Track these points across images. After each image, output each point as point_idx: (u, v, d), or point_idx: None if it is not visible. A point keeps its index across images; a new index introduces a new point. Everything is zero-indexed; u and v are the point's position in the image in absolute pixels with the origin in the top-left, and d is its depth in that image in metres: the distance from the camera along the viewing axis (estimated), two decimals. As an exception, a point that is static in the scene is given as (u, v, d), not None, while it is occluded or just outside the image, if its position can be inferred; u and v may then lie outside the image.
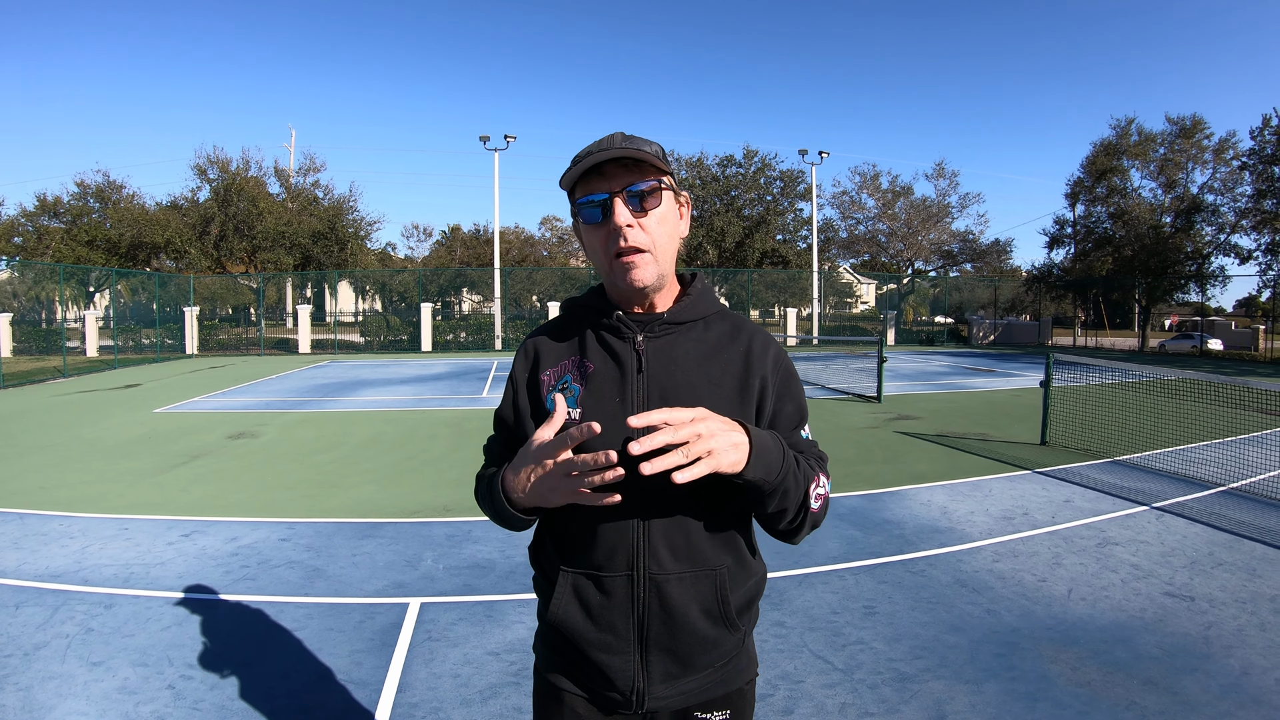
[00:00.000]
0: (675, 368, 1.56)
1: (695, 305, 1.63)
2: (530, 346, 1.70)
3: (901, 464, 9.21)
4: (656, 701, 1.57)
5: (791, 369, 1.68)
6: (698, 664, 1.58)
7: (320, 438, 11.14)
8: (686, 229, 1.66)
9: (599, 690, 1.60)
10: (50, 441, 10.77)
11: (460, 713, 3.64)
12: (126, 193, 41.25)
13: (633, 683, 1.56)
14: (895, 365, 24.35)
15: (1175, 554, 5.87)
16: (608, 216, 1.50)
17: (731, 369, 1.58)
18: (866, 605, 4.90)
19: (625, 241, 1.49)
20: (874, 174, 53.80)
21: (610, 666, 1.56)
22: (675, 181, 1.60)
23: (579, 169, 1.49)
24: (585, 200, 1.53)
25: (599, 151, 1.48)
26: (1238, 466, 8.76)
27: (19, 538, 6.24)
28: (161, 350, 30.85)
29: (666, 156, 1.57)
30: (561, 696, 1.66)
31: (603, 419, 1.47)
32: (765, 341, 1.65)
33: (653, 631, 1.53)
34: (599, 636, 1.56)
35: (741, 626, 1.61)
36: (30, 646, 4.27)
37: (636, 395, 1.54)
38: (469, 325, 37.21)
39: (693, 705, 1.61)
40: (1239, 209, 35.97)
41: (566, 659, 1.63)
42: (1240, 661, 4.12)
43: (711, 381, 1.56)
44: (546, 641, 1.69)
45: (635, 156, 1.47)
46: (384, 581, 5.32)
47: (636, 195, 1.49)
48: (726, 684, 1.64)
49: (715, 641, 1.57)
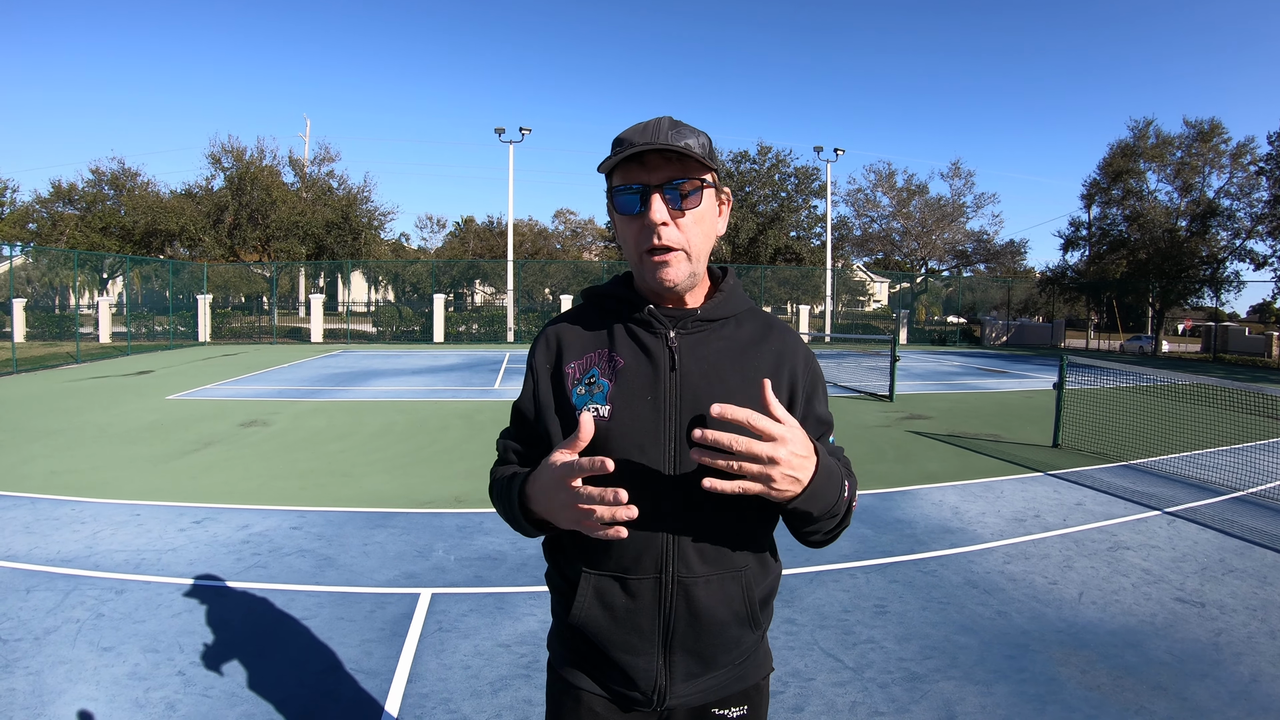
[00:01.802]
0: (708, 366, 1.50)
1: (727, 302, 1.57)
2: (552, 335, 1.61)
3: (913, 463, 9.19)
4: (676, 699, 1.55)
5: (819, 373, 1.64)
6: (719, 662, 1.55)
7: (332, 427, 11.18)
8: (724, 227, 1.59)
9: (619, 689, 1.57)
10: (62, 427, 10.84)
11: (470, 704, 3.64)
12: (141, 180, 41.39)
13: (655, 682, 1.52)
14: (907, 364, 24.29)
15: (1186, 559, 5.84)
16: (644, 209, 1.43)
17: (763, 369, 1.52)
18: (877, 604, 4.89)
19: (659, 240, 1.42)
20: (889, 172, 53.37)
21: (633, 667, 1.52)
22: (719, 178, 1.53)
23: (620, 155, 1.41)
24: (623, 188, 1.45)
25: (643, 142, 1.40)
26: (1250, 473, 8.71)
27: (30, 522, 6.27)
28: (174, 337, 31.01)
29: (713, 149, 1.51)
30: (579, 695, 1.62)
31: (633, 418, 1.46)
32: (795, 343, 1.60)
33: (678, 633, 1.50)
34: (623, 638, 1.51)
35: (764, 624, 1.60)
36: (41, 631, 4.29)
37: (669, 394, 1.47)
38: (481, 317, 37.30)
39: (711, 702, 1.59)
40: (1255, 214, 35.73)
41: (586, 658, 1.60)
42: (1250, 669, 4.10)
43: (746, 380, 1.49)
44: (564, 640, 1.64)
45: (679, 151, 1.39)
46: (395, 571, 5.33)
47: (676, 192, 1.43)
48: (743, 680, 1.62)
49: (738, 641, 1.55)
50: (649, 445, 1.45)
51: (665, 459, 1.44)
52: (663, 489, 1.44)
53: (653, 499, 1.42)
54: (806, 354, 1.61)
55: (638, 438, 1.45)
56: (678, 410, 1.46)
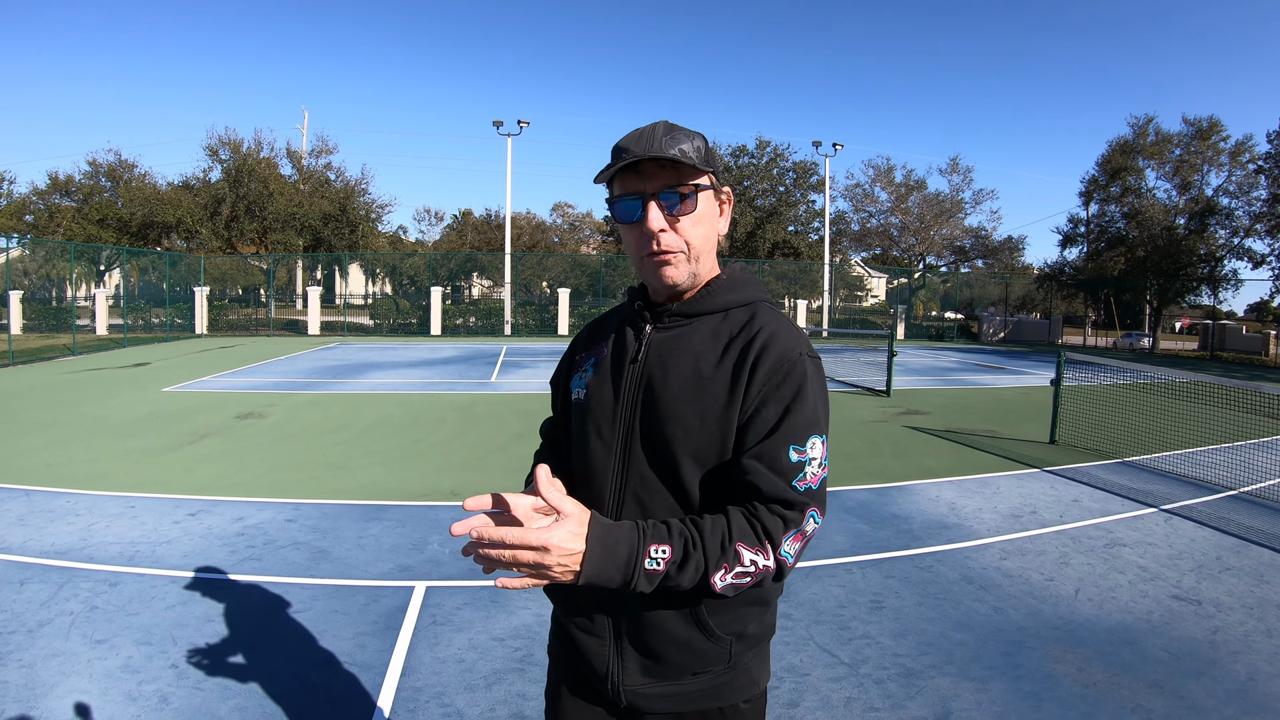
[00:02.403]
0: (669, 359, 1.51)
1: (711, 297, 1.55)
2: (580, 332, 1.80)
3: (910, 459, 9.18)
4: (636, 696, 1.55)
5: (799, 379, 1.44)
6: (673, 661, 1.52)
7: (328, 419, 11.16)
8: (726, 226, 1.62)
9: (581, 671, 1.63)
10: (58, 419, 10.81)
11: (464, 698, 3.63)
12: (138, 172, 41.19)
13: (607, 668, 1.55)
14: (905, 360, 24.35)
15: (1183, 557, 5.84)
16: (642, 216, 1.46)
17: (727, 367, 1.46)
18: (873, 600, 4.88)
19: (658, 246, 1.47)
20: (888, 167, 53.35)
21: (588, 647, 1.57)
22: (716, 179, 1.55)
23: (616, 166, 1.45)
24: (622, 197, 1.49)
25: (638, 150, 1.43)
26: (1247, 471, 8.71)
27: (25, 514, 6.25)
28: (171, 330, 30.93)
29: (709, 151, 1.51)
30: (562, 673, 1.71)
31: (596, 403, 1.58)
32: (778, 342, 1.46)
33: (626, 621, 1.52)
34: (580, 618, 1.58)
35: (721, 635, 1.51)
36: (34, 623, 4.28)
37: (628, 384, 1.55)
38: (478, 310, 37.21)
39: (684, 712, 1.57)
40: (1253, 213, 35.78)
41: (561, 635, 1.70)
42: (1246, 667, 4.09)
43: (702, 377, 1.46)
44: (553, 615, 1.75)
45: (673, 159, 1.42)
46: (389, 564, 5.32)
47: (672, 199, 1.46)
48: (719, 698, 1.57)
49: (688, 642, 1.50)
50: (605, 430, 1.55)
51: (616, 445, 1.53)
52: (611, 474, 1.53)
53: (601, 482, 1.54)
54: (783, 350, 1.46)
55: (598, 421, 1.56)
56: (633, 400, 1.53)
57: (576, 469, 1.61)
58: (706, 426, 1.44)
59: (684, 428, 1.45)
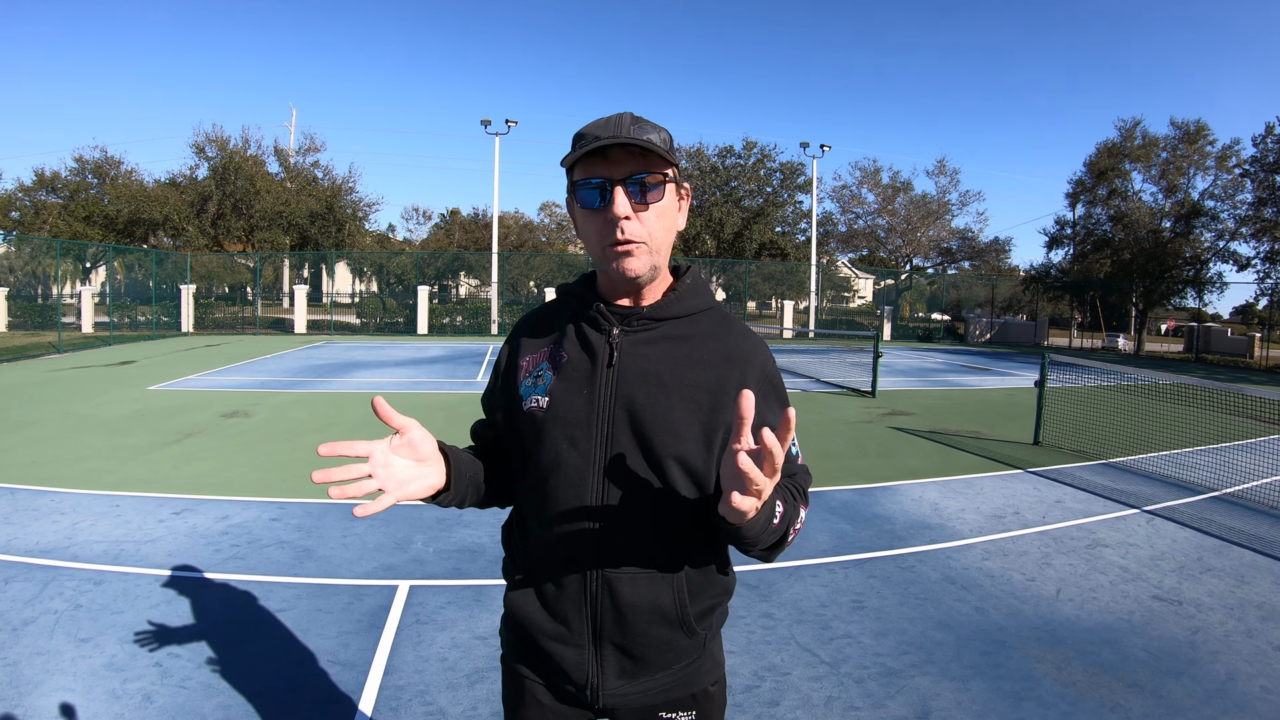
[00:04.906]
0: (648, 365, 1.49)
1: (680, 301, 1.55)
2: (515, 335, 1.71)
3: (894, 459, 9.22)
4: (614, 698, 1.56)
5: (776, 379, 1.59)
6: (654, 662, 1.54)
7: (314, 418, 11.13)
8: (684, 222, 1.59)
9: (555, 681, 1.61)
10: (43, 417, 10.74)
11: (446, 696, 3.64)
12: (125, 169, 40.91)
13: (586, 676, 1.54)
14: (891, 361, 24.38)
15: (1164, 558, 5.89)
16: (606, 203, 1.42)
17: (709, 373, 1.50)
18: (855, 599, 4.91)
19: (622, 234, 1.41)
20: (875, 169, 53.46)
21: (564, 658, 1.54)
22: (679, 173, 1.53)
23: (582, 150, 1.40)
24: (584, 182, 1.44)
25: (606, 136, 1.40)
26: (1229, 472, 8.79)
27: (9, 513, 6.23)
28: (157, 328, 30.74)
29: (673, 145, 1.50)
30: (524, 684, 1.67)
31: (566, 410, 1.50)
32: (751, 346, 1.57)
33: (606, 627, 1.51)
34: (554, 627, 1.55)
35: (700, 632, 1.57)
36: (18, 622, 4.27)
37: (604, 390, 1.49)
38: (465, 309, 37.12)
39: (655, 704, 1.59)
40: (1239, 216, 35.94)
41: (526, 646, 1.63)
42: (1226, 667, 4.14)
43: (685, 384, 1.48)
44: (508, 626, 1.70)
45: (642, 145, 1.39)
46: (373, 563, 5.32)
47: (639, 186, 1.42)
48: (690, 684, 1.60)
49: (670, 643, 1.53)
50: (580, 438, 1.48)
51: (594, 453, 1.48)
52: (590, 483, 1.47)
53: (579, 492, 1.48)
54: (763, 359, 1.57)
55: (569, 430, 1.49)
56: (610, 406, 1.48)
57: (543, 480, 1.53)
58: (693, 432, 1.46)
59: (672, 434, 1.45)
